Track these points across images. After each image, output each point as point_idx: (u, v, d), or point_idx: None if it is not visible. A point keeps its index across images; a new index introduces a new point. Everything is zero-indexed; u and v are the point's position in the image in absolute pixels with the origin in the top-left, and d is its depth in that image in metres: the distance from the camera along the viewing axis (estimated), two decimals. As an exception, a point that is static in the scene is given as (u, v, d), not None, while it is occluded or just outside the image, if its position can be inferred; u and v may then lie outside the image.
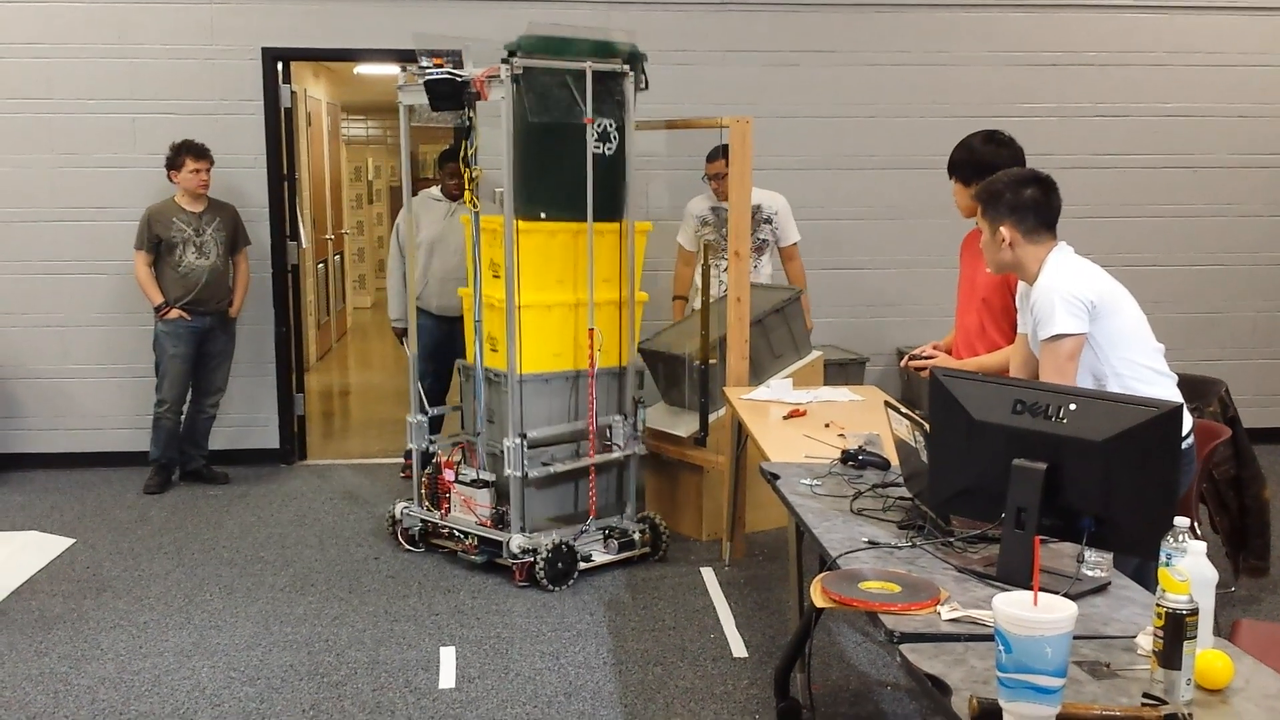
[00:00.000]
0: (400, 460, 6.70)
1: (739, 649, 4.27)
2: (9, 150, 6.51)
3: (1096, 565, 2.55)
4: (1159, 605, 1.98)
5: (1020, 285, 3.38)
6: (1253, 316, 7.27)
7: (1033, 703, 1.87)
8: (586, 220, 4.92)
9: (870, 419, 4.24)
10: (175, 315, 6.13)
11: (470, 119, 4.89)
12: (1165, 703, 1.93)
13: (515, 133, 4.71)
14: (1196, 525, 3.52)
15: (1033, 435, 2.48)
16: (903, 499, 3.14)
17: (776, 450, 3.81)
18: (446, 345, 6.09)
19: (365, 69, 10.15)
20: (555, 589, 4.79)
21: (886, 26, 6.82)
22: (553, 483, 5.08)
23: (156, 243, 6.13)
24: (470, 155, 4.92)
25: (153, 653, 4.24)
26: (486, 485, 5.00)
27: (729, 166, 5.13)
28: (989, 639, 2.09)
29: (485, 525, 4.99)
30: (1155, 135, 7.04)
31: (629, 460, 5.23)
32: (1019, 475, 2.46)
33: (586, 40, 4.92)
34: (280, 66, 6.65)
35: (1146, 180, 7.08)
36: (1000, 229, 3.21)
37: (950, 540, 2.80)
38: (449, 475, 5.13)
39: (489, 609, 4.64)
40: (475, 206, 5.00)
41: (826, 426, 4.16)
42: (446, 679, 4.01)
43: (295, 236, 7.00)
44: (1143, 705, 1.94)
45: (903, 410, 3.07)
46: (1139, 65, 6.97)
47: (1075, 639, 1.92)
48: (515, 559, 4.81)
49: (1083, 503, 2.42)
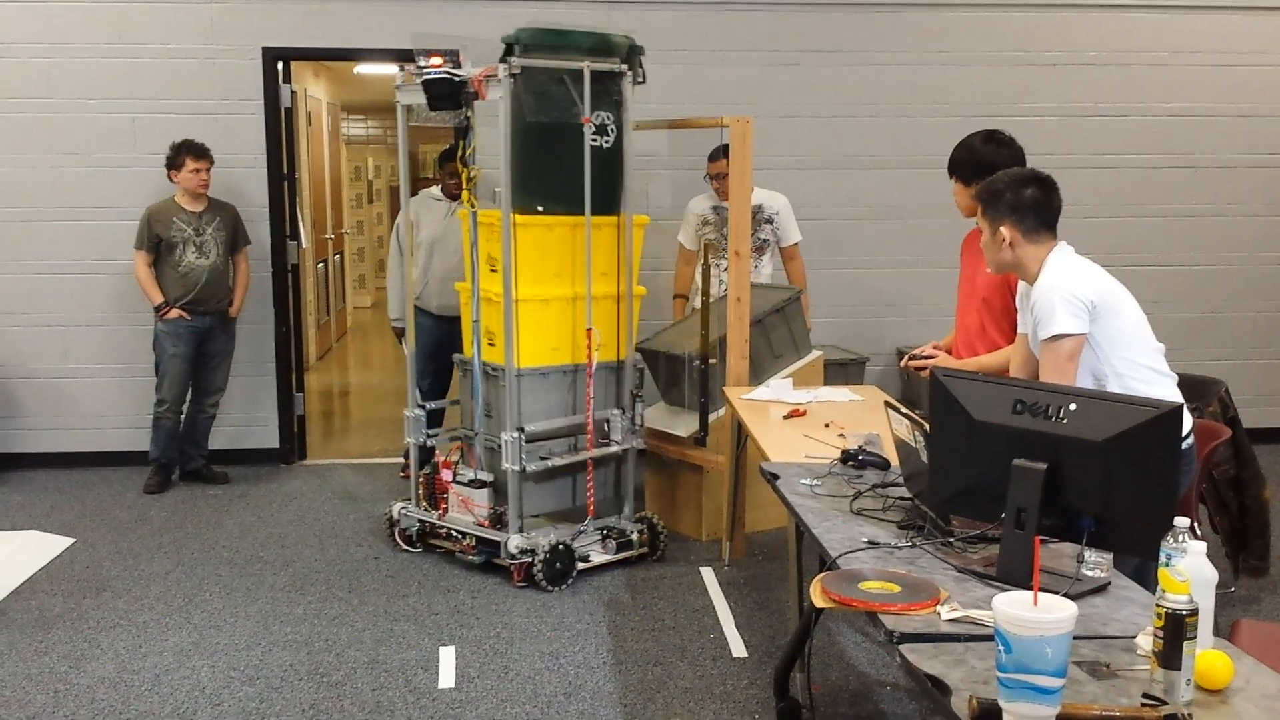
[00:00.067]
0: (400, 460, 6.69)
1: (739, 649, 4.27)
2: (9, 150, 6.51)
3: (1096, 565, 2.55)
4: (1159, 605, 1.98)
5: (1020, 285, 3.38)
6: (1253, 316, 7.27)
7: (1032, 703, 1.87)
8: (583, 214, 4.91)
9: (870, 419, 4.24)
10: (175, 315, 6.13)
11: (468, 118, 4.88)
12: (1165, 703, 1.93)
13: (512, 127, 4.71)
14: (1196, 525, 3.52)
15: (1033, 435, 2.47)
16: (903, 499, 3.13)
17: (776, 450, 3.81)
18: (446, 345, 6.09)
19: (365, 69, 10.16)
20: (554, 589, 4.79)
21: (886, 26, 6.82)
22: (550, 477, 5.08)
23: (156, 242, 6.13)
24: (468, 155, 4.92)
25: (152, 652, 4.24)
26: (484, 485, 5.00)
27: (729, 166, 5.13)
28: (989, 639, 2.08)
29: (483, 525, 4.99)
30: (1155, 135, 7.04)
31: (627, 454, 5.23)
32: (1019, 475, 2.46)
33: (583, 33, 4.92)
34: (280, 66, 6.65)
35: (1146, 180, 7.08)
36: (1000, 229, 3.21)
37: (950, 540, 2.80)
38: (447, 475, 5.13)
39: (488, 609, 4.64)
40: (474, 206, 5.00)
41: (826, 426, 4.16)
42: (446, 679, 4.01)
43: (295, 236, 7.00)
44: (1142, 705, 1.94)
45: (903, 410, 3.07)
46: (1139, 65, 6.97)
47: (1075, 639, 1.92)
48: (513, 559, 4.81)
49: (1083, 503, 2.42)
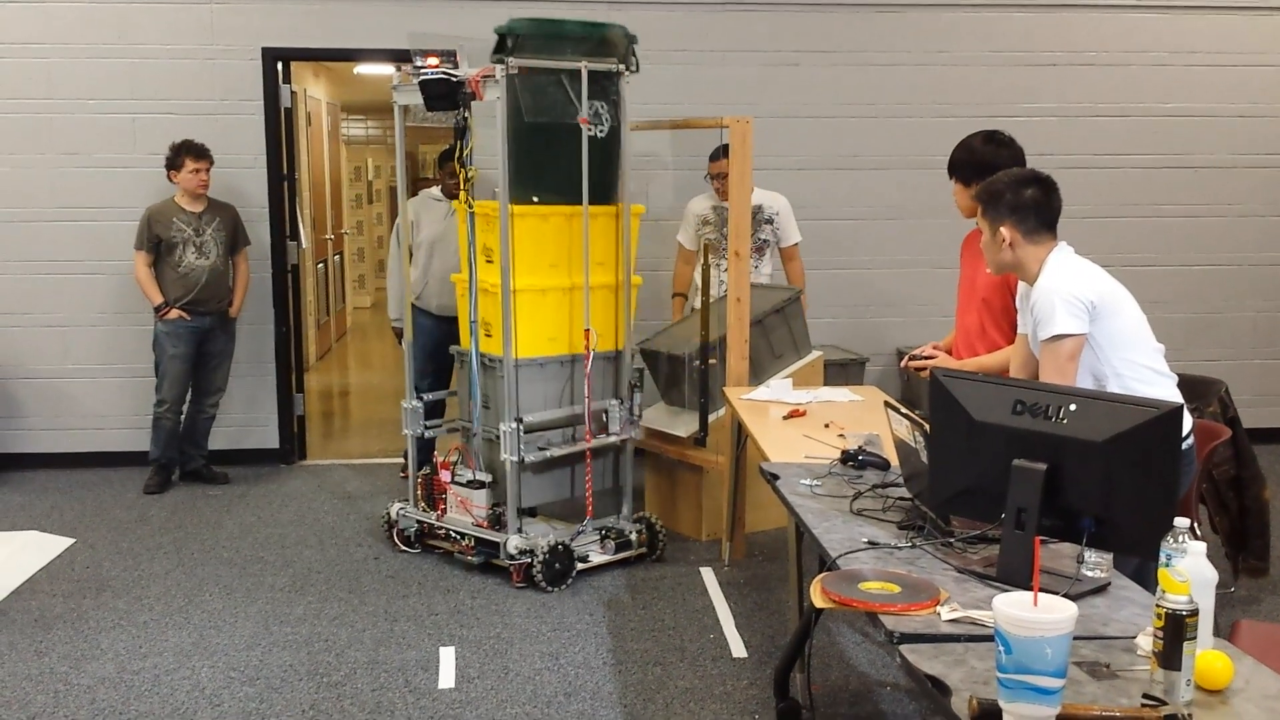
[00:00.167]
0: (400, 460, 6.69)
1: (738, 649, 4.27)
2: (9, 150, 6.51)
3: (1096, 566, 2.55)
4: (1159, 606, 1.98)
5: (1020, 285, 3.37)
6: (1253, 316, 7.27)
7: (1032, 703, 1.87)
8: (577, 203, 4.91)
9: (870, 419, 4.23)
10: (175, 315, 6.13)
11: (466, 119, 4.88)
12: (1165, 703, 1.93)
13: (508, 119, 4.71)
14: (1196, 526, 3.52)
15: (1033, 436, 2.47)
16: (903, 499, 3.13)
17: (776, 450, 3.81)
18: (446, 345, 6.07)
19: (365, 69, 10.15)
20: (553, 590, 4.79)
21: (886, 26, 6.82)
22: (549, 467, 5.07)
23: (156, 243, 6.13)
24: (466, 155, 4.92)
25: (152, 652, 4.24)
26: (483, 486, 5.00)
27: (729, 166, 5.13)
28: (989, 639, 2.08)
29: (482, 526, 4.99)
30: (1155, 135, 7.04)
31: (625, 445, 5.22)
32: (1019, 476, 2.46)
33: (577, 22, 4.94)
34: (280, 66, 6.65)
35: (1146, 180, 7.08)
36: (1001, 229, 3.21)
37: (950, 541, 2.80)
38: (445, 476, 5.13)
39: (488, 609, 4.64)
40: (472, 207, 4.99)
41: (826, 427, 4.16)
42: (446, 679, 4.01)
43: (295, 236, 7.00)
44: (1142, 706, 1.94)
45: (903, 410, 3.07)
46: (1139, 65, 6.96)
47: (1075, 639, 1.92)
48: (513, 560, 4.80)
49: (1083, 503, 2.42)
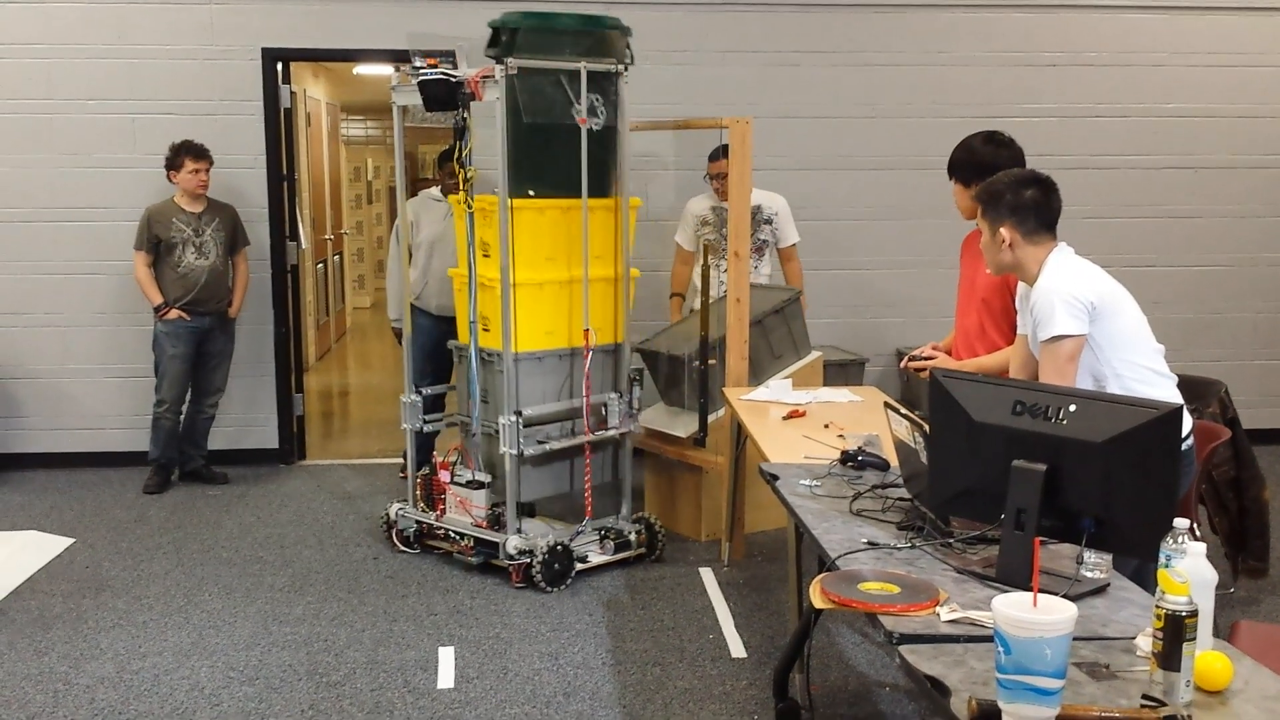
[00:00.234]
0: (399, 460, 6.69)
1: (738, 649, 4.27)
2: (9, 150, 6.51)
3: (1096, 566, 2.55)
4: (1158, 607, 1.98)
5: (1020, 286, 3.37)
6: (1253, 317, 7.27)
7: (1032, 704, 1.87)
8: (574, 197, 4.90)
9: (870, 419, 4.23)
10: (175, 315, 6.13)
11: (465, 119, 4.88)
12: (1164, 704, 1.93)
13: (506, 115, 4.71)
14: (1196, 526, 3.52)
15: (1032, 436, 2.47)
16: (902, 500, 3.13)
17: (776, 451, 3.81)
18: (445, 345, 6.07)
19: (364, 69, 10.16)
20: (552, 590, 4.79)
21: (886, 26, 6.82)
22: (548, 461, 5.07)
23: (156, 243, 6.13)
24: (465, 155, 4.91)
25: (152, 652, 4.24)
26: (482, 486, 4.99)
27: (729, 166, 5.13)
28: (988, 640, 2.08)
29: (481, 526, 4.99)
30: (1155, 135, 7.04)
31: (624, 438, 5.22)
32: (1019, 476, 2.46)
33: (572, 15, 4.96)
34: (280, 67, 6.65)
35: (1146, 180, 7.07)
36: (1000, 230, 3.21)
37: (950, 541, 2.79)
38: (444, 476, 5.12)
39: (488, 609, 4.64)
40: (471, 209, 4.99)
41: (826, 427, 4.16)
42: (445, 679, 4.01)
43: (295, 237, 7.00)
44: (1142, 707, 1.94)
45: (902, 411, 3.07)
46: (1139, 65, 6.96)
47: (1074, 640, 1.92)
48: (512, 560, 4.80)
49: (1082, 504, 2.42)
